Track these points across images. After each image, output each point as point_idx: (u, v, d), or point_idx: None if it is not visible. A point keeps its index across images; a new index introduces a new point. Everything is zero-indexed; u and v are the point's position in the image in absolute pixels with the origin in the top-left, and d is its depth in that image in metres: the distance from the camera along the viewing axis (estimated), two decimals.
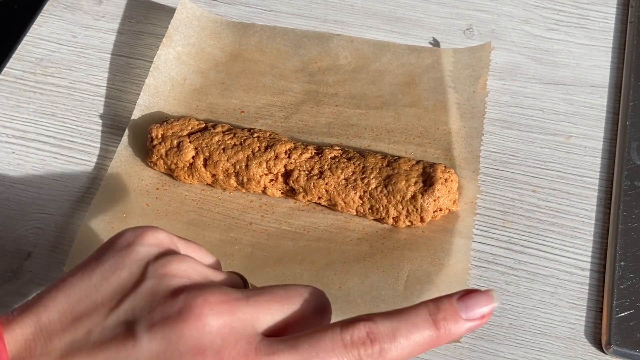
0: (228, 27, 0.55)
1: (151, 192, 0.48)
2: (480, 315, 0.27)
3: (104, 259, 0.29)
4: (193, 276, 0.28)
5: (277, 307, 0.27)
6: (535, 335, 0.42)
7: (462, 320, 0.27)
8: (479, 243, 0.46)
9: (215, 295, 0.27)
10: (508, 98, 0.52)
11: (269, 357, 0.25)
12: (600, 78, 0.53)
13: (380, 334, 0.26)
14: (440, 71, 0.52)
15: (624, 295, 0.42)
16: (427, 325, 0.26)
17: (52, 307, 0.27)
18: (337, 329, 0.26)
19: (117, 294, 0.27)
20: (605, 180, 0.48)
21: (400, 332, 0.26)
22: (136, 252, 0.29)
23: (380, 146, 0.49)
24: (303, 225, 0.46)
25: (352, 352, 0.25)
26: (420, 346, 0.26)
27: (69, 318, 0.27)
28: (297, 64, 0.54)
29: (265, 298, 0.27)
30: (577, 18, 0.56)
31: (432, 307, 0.27)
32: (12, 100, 0.53)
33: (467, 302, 0.27)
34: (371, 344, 0.26)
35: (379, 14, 0.57)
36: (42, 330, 0.27)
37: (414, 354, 0.26)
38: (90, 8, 0.58)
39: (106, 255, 0.29)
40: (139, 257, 0.29)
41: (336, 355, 0.25)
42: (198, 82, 0.53)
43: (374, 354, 0.25)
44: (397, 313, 0.27)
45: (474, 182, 0.47)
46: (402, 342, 0.26)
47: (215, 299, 0.26)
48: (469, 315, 0.27)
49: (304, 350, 0.25)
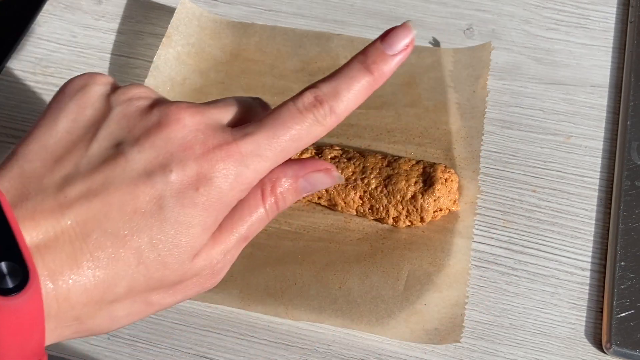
0: (228, 27, 0.55)
1: None
2: (404, 46, 0.30)
3: (63, 105, 0.30)
4: (155, 96, 0.31)
5: (233, 107, 0.31)
6: (535, 335, 0.42)
7: (389, 57, 0.30)
8: (479, 243, 0.46)
9: (184, 104, 0.29)
10: (508, 98, 0.52)
11: (244, 137, 0.29)
12: (600, 78, 0.52)
13: (325, 95, 0.29)
14: (440, 71, 0.52)
15: (624, 296, 0.42)
16: (362, 74, 0.30)
17: (31, 157, 0.28)
18: (290, 102, 0.29)
19: (90, 127, 0.29)
20: (605, 180, 0.48)
21: (342, 87, 0.30)
22: (93, 91, 0.30)
23: (380, 146, 0.49)
24: (303, 225, 0.46)
25: (309, 116, 0.29)
26: (362, 92, 0.30)
27: (51, 161, 0.28)
28: (297, 64, 0.54)
29: (223, 102, 0.31)
30: (577, 18, 0.56)
31: (361, 57, 0.30)
32: (12, 100, 0.53)
33: (389, 40, 0.30)
34: (321, 105, 0.29)
35: (379, 14, 0.57)
36: (29, 177, 0.27)
37: (359, 100, 0.30)
38: (90, 8, 0.58)
39: (64, 101, 0.30)
40: (98, 94, 0.30)
41: (296, 122, 0.29)
42: (198, 82, 0.53)
43: (325, 113, 0.29)
44: (334, 73, 0.30)
45: (474, 182, 0.47)
46: (345, 95, 0.30)
47: (185, 105, 0.29)
48: (394, 50, 0.30)
49: (269, 125, 0.29)
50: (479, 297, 0.44)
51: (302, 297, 0.43)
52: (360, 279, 0.43)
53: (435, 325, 0.41)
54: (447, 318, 0.41)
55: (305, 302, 0.42)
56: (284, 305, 0.42)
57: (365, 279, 0.43)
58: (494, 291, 0.44)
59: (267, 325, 0.43)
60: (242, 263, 0.44)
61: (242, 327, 0.43)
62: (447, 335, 0.41)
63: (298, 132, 0.29)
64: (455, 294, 0.42)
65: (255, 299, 0.43)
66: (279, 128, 0.29)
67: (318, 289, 0.43)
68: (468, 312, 0.43)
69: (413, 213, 0.44)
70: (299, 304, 0.42)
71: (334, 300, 0.42)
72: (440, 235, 0.45)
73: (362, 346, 0.42)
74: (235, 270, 0.44)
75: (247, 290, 0.43)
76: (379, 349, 0.42)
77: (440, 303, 0.42)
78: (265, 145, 0.29)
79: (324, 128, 0.30)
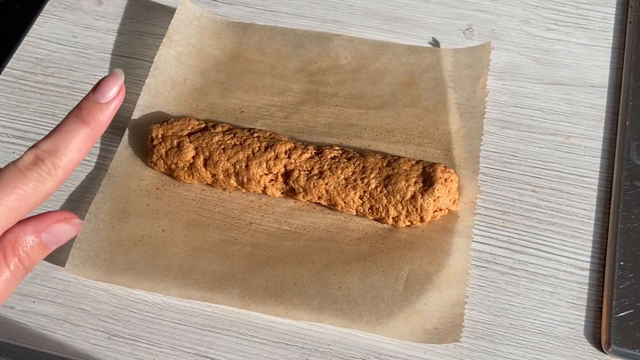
0: (228, 27, 0.55)
1: (151, 192, 0.48)
2: (115, 93, 0.31)
3: None
4: None
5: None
6: (535, 335, 0.42)
7: (104, 106, 0.31)
8: (478, 243, 0.46)
9: None
10: (508, 98, 0.52)
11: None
12: (599, 78, 0.53)
13: (45, 153, 0.30)
14: (440, 71, 0.52)
15: (624, 295, 0.42)
16: (79, 126, 0.30)
17: None
18: (11, 165, 0.29)
19: None
20: (604, 180, 0.48)
21: (61, 143, 0.30)
22: None
23: (380, 146, 0.49)
24: (303, 225, 0.46)
25: (32, 175, 0.29)
26: (83, 144, 0.30)
27: None
28: (297, 64, 0.54)
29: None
30: (576, 18, 0.56)
31: (77, 110, 0.31)
32: (12, 100, 0.53)
33: (99, 89, 0.31)
34: (43, 162, 0.29)
35: (379, 14, 0.57)
36: None
37: (82, 152, 0.30)
38: (90, 8, 0.58)
39: None
40: None
41: (19, 182, 0.29)
42: (198, 82, 0.53)
43: (49, 169, 0.29)
44: (54, 130, 0.30)
45: (473, 182, 0.47)
46: (66, 148, 0.30)
47: None
48: (106, 99, 0.31)
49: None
50: (479, 296, 0.44)
51: (302, 296, 0.43)
52: (360, 278, 0.43)
53: (435, 324, 0.41)
54: (446, 317, 0.42)
55: (305, 302, 0.42)
56: (284, 305, 0.43)
57: (365, 279, 0.43)
58: (494, 291, 0.44)
59: (267, 325, 0.43)
60: (243, 263, 0.44)
61: (243, 326, 0.43)
62: (447, 334, 0.41)
63: (24, 192, 0.29)
64: (455, 294, 0.42)
65: (256, 299, 0.43)
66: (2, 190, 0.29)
67: (318, 288, 0.43)
68: (468, 312, 0.43)
69: (413, 213, 0.45)
70: (299, 303, 0.42)
71: (334, 300, 0.43)
72: (440, 235, 0.45)
73: (362, 346, 0.42)
74: (236, 270, 0.44)
75: (247, 290, 0.43)
76: (379, 349, 0.42)
77: (440, 303, 0.42)
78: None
79: (54, 182, 0.30)
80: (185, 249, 0.45)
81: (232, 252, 0.45)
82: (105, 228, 0.46)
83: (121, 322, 0.44)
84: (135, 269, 0.44)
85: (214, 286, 0.43)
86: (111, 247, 0.45)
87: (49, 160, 0.29)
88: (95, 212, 0.46)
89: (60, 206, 0.48)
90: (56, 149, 0.30)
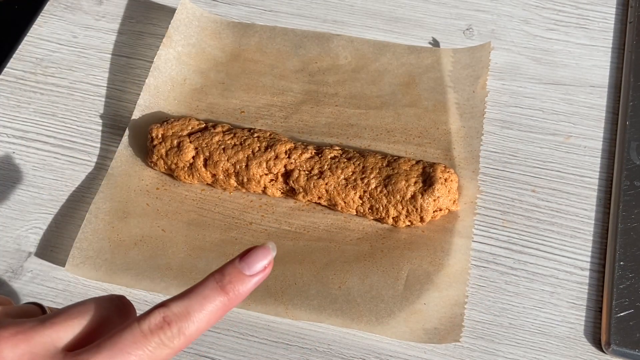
0: (228, 27, 0.55)
1: (151, 192, 0.48)
2: (262, 267, 0.29)
3: None
4: None
5: (76, 322, 0.28)
6: (534, 335, 0.42)
7: (247, 278, 0.29)
8: (478, 243, 0.46)
9: (8, 329, 0.27)
10: (508, 98, 0.52)
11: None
12: (599, 78, 0.53)
13: (175, 316, 0.27)
14: (440, 71, 0.52)
15: (624, 295, 0.42)
16: (216, 294, 0.28)
17: None
18: (135, 323, 0.27)
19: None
20: (604, 180, 0.48)
21: (194, 308, 0.27)
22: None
23: (380, 146, 0.49)
24: (303, 225, 0.46)
25: (154, 339, 0.26)
26: (216, 313, 0.28)
27: None
28: (297, 64, 0.54)
29: (63, 317, 0.28)
30: (576, 18, 0.56)
31: (218, 275, 0.28)
32: (12, 100, 0.53)
33: (247, 260, 0.29)
34: (169, 326, 0.27)
35: (379, 14, 0.57)
36: None
37: (212, 321, 0.28)
38: (90, 8, 0.58)
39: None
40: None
41: (139, 347, 0.26)
42: (198, 82, 0.53)
43: (173, 335, 0.27)
44: (188, 292, 0.28)
45: (473, 182, 0.47)
46: (197, 316, 0.27)
47: (8, 333, 0.26)
48: (252, 271, 0.29)
49: (106, 352, 0.26)
50: (479, 296, 0.44)
51: (302, 296, 0.43)
52: (360, 278, 0.43)
53: (435, 324, 0.41)
54: (446, 317, 0.42)
55: (305, 302, 0.42)
56: (284, 305, 0.43)
57: (365, 279, 0.43)
58: (494, 291, 0.44)
59: (267, 325, 0.43)
60: None
61: (243, 326, 0.43)
62: (447, 334, 0.41)
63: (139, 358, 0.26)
64: (455, 294, 0.42)
65: (256, 299, 0.43)
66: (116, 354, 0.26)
67: (318, 288, 0.43)
68: (468, 312, 0.43)
69: (413, 213, 0.45)
70: (299, 303, 0.42)
71: (334, 299, 0.43)
72: (440, 235, 0.45)
73: (362, 345, 0.42)
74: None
75: None
76: (379, 349, 0.42)
77: (440, 302, 0.42)
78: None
79: (171, 351, 0.27)
80: (185, 248, 0.45)
81: (232, 252, 0.45)
82: (105, 228, 0.46)
83: None
84: (135, 269, 0.44)
85: None
86: (111, 247, 0.45)
87: (177, 324, 0.27)
88: (95, 212, 0.46)
89: (60, 206, 0.48)
90: (187, 314, 0.27)
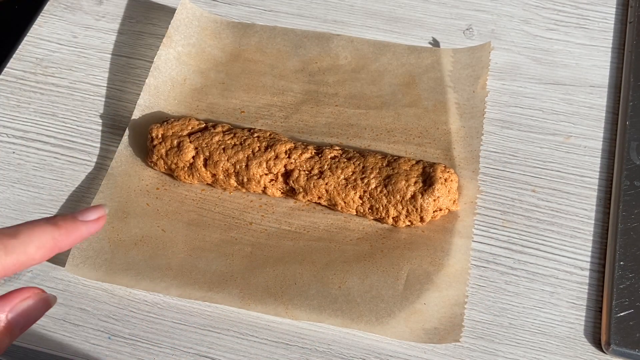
0: (228, 27, 0.55)
1: (151, 192, 0.48)
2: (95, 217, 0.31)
3: None
4: None
5: None
6: (534, 335, 0.42)
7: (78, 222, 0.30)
8: (478, 243, 0.46)
9: None
10: (508, 98, 0.52)
11: None
12: (599, 78, 0.53)
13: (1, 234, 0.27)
14: (440, 71, 0.52)
15: (624, 295, 0.42)
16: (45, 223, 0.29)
17: None
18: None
19: None
20: (604, 180, 0.48)
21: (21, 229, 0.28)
22: None
23: (380, 146, 0.49)
24: (303, 225, 0.46)
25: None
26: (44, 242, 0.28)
27: None
28: (297, 64, 0.54)
29: None
30: (576, 18, 0.56)
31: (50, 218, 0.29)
32: (12, 100, 0.53)
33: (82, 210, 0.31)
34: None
35: (379, 14, 0.57)
36: None
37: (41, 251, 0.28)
38: (90, 8, 0.58)
39: None
40: None
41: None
42: (198, 82, 0.53)
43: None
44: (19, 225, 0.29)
45: (473, 182, 0.47)
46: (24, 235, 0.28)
47: None
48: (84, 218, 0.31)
49: None
50: (479, 296, 0.44)
51: (302, 296, 0.43)
52: (360, 278, 0.43)
53: (435, 324, 0.41)
54: (446, 317, 0.42)
55: (305, 302, 0.42)
56: (284, 305, 0.43)
57: (365, 279, 0.43)
58: (494, 291, 0.44)
59: (267, 325, 0.43)
60: (243, 263, 0.44)
61: (243, 326, 0.43)
62: (447, 334, 0.41)
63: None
64: (455, 294, 0.42)
65: (256, 299, 0.43)
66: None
67: (318, 288, 0.43)
68: (468, 312, 0.43)
69: (413, 213, 0.45)
70: (299, 303, 0.42)
71: (334, 299, 0.43)
72: (440, 235, 0.45)
73: (362, 345, 0.42)
74: (236, 270, 0.44)
75: (247, 290, 0.43)
76: (379, 349, 0.42)
77: (439, 302, 0.42)
78: None
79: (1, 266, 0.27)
80: (185, 248, 0.45)
81: (232, 252, 0.45)
82: (105, 228, 0.46)
83: (121, 322, 0.44)
84: (135, 268, 0.44)
85: (214, 286, 0.43)
86: (111, 247, 0.45)
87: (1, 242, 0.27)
88: None
89: (61, 206, 0.48)
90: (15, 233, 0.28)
